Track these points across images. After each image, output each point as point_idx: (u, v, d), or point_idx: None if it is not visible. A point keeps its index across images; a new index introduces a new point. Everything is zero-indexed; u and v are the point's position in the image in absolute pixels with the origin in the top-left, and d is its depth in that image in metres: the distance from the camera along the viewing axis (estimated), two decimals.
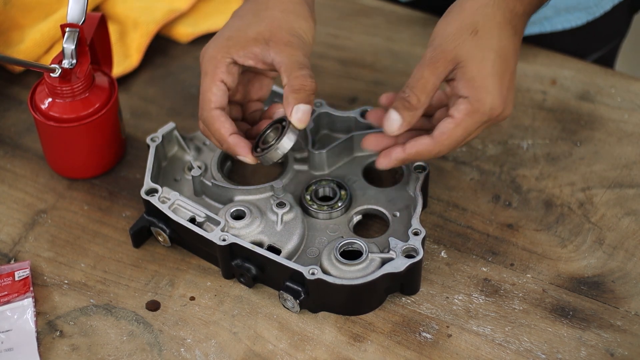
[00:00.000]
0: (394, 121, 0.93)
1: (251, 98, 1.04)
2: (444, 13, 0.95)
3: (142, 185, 1.02)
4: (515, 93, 0.97)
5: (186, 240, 1.02)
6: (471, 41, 0.92)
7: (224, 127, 0.97)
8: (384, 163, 0.95)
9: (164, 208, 1.00)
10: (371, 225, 1.04)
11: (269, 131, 0.99)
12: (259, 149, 0.98)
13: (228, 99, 0.99)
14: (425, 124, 0.98)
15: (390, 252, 0.95)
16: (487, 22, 0.92)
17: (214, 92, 0.97)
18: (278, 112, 1.01)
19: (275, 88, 1.08)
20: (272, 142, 0.97)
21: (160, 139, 1.06)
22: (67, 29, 1.03)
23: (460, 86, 0.92)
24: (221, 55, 0.97)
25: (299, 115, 0.95)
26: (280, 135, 0.97)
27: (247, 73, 1.02)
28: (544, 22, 1.23)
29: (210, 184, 1.03)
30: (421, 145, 0.94)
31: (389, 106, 0.94)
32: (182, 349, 0.96)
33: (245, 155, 0.97)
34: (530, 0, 0.95)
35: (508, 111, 0.94)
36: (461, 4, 0.94)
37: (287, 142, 0.96)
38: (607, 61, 1.34)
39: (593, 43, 1.29)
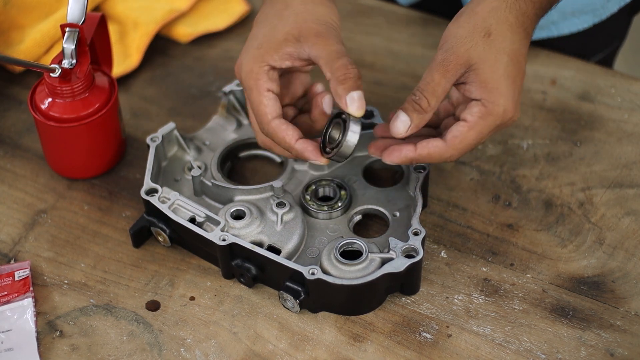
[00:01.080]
0: (402, 122, 0.92)
1: (298, 95, 1.03)
2: (455, 16, 0.95)
3: (142, 185, 1.02)
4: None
5: (186, 240, 1.02)
6: (484, 44, 0.91)
7: (288, 134, 0.95)
8: (392, 157, 0.94)
9: (164, 208, 1.00)
10: (371, 225, 1.04)
11: (331, 128, 0.98)
12: (327, 149, 0.96)
13: (280, 105, 0.97)
14: (431, 134, 0.98)
15: (390, 252, 0.95)
16: (499, 24, 0.92)
17: (266, 104, 0.95)
18: (318, 91, 0.99)
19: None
20: (339, 139, 0.95)
21: (160, 139, 1.06)
22: (67, 29, 1.03)
23: (473, 89, 0.92)
24: (258, 65, 0.95)
25: (355, 104, 0.92)
26: (344, 130, 0.95)
27: (284, 75, 1.01)
28: (551, 27, 1.22)
29: (210, 184, 1.03)
30: (433, 148, 0.93)
31: (383, 135, 0.96)
32: (182, 349, 0.96)
33: (316, 158, 0.96)
34: (541, 3, 0.95)
35: (517, 115, 0.94)
36: (473, 8, 0.93)
37: (352, 135, 0.94)
38: (606, 63, 1.34)
39: (594, 46, 1.29)
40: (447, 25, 0.92)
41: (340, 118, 0.97)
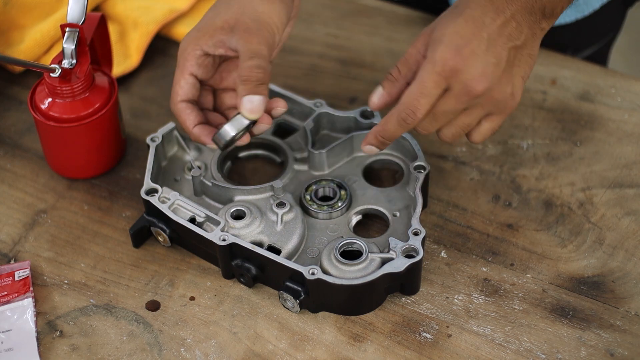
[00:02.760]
0: (376, 92, 0.96)
1: (227, 86, 1.04)
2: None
3: (142, 185, 1.02)
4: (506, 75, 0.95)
5: (186, 240, 1.02)
6: (447, 13, 0.94)
7: (189, 119, 0.99)
8: (364, 143, 0.97)
9: (164, 208, 1.00)
10: (371, 225, 1.04)
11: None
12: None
13: (199, 90, 1.00)
14: None
15: (390, 252, 0.95)
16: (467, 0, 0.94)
17: (182, 86, 0.99)
18: (276, 109, 1.01)
19: (273, 87, 1.09)
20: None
21: (160, 139, 1.06)
22: (67, 29, 1.03)
23: (427, 49, 0.93)
24: (191, 47, 0.98)
25: (247, 106, 0.95)
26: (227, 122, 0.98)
27: (231, 60, 1.02)
28: None
29: (210, 184, 1.03)
30: (389, 115, 0.95)
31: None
32: (182, 349, 0.96)
33: (208, 143, 0.99)
34: None
35: (478, 82, 0.91)
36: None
37: (229, 129, 0.97)
38: (602, 56, 1.34)
39: (588, 37, 1.29)
40: None
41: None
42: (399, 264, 0.94)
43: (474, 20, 0.92)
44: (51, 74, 1.03)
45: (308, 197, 1.02)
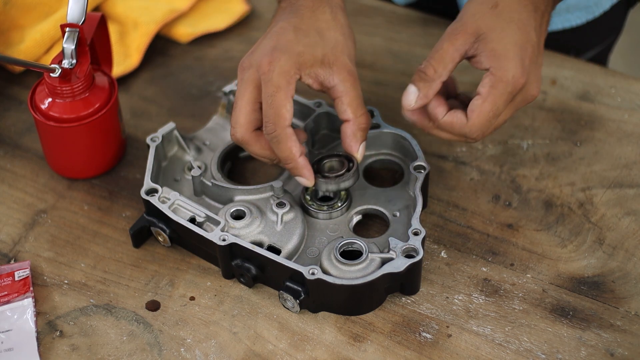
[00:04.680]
0: (411, 93, 0.95)
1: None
2: None
3: (142, 185, 1.02)
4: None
5: (186, 240, 1.02)
6: (491, 14, 0.93)
7: (296, 146, 0.96)
8: (412, 117, 0.97)
9: (164, 208, 1.00)
10: (371, 225, 1.04)
11: (328, 160, 1.01)
12: (326, 174, 0.99)
13: None
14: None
15: (390, 252, 0.95)
16: None
17: (288, 109, 0.95)
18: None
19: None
20: (343, 172, 0.99)
21: (160, 139, 1.06)
22: (67, 29, 1.03)
23: (483, 59, 0.93)
24: (294, 71, 0.95)
25: (362, 151, 0.99)
26: (349, 169, 0.99)
27: None
28: None
29: (210, 184, 1.03)
30: (456, 118, 0.94)
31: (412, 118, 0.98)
32: (182, 349, 0.96)
33: (310, 179, 0.98)
34: None
35: (534, 88, 0.95)
36: None
37: (355, 177, 1.00)
38: (603, 56, 1.35)
39: (591, 40, 1.29)
40: (447, 24, 0.93)
41: (343, 157, 1.00)
42: (399, 264, 0.94)
43: (524, 26, 0.93)
44: (51, 74, 1.03)
45: (308, 197, 1.02)
